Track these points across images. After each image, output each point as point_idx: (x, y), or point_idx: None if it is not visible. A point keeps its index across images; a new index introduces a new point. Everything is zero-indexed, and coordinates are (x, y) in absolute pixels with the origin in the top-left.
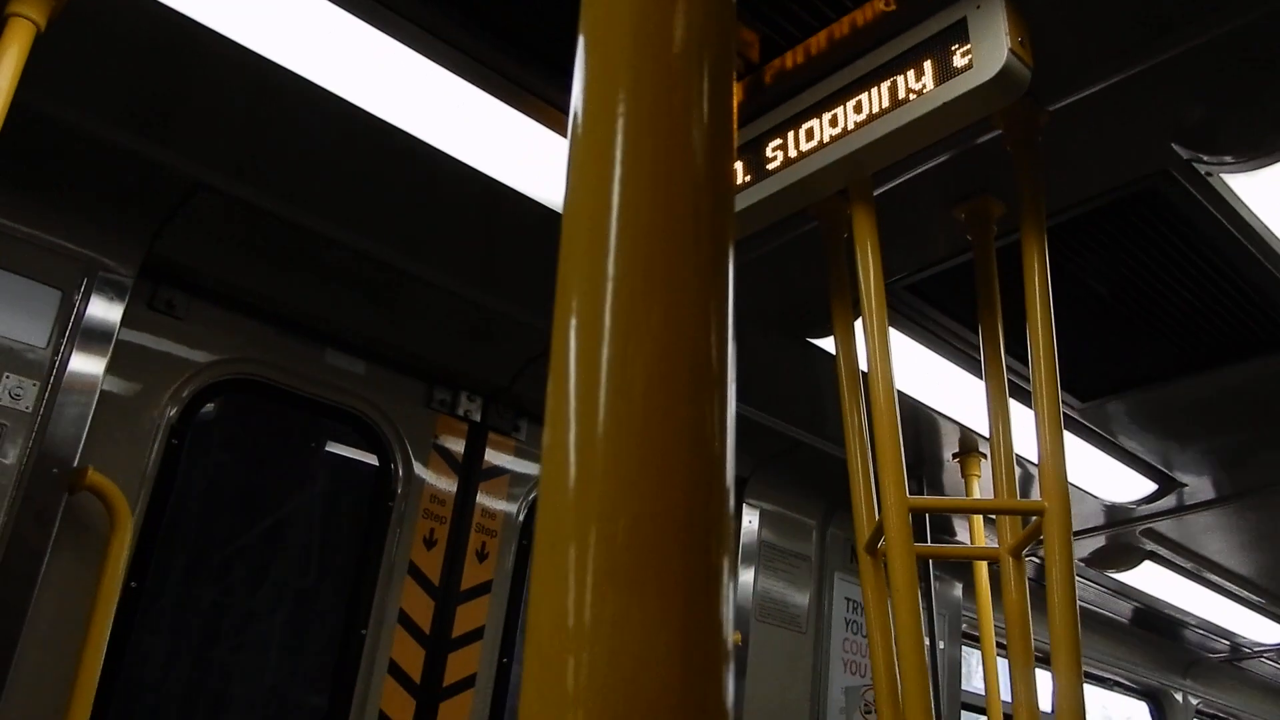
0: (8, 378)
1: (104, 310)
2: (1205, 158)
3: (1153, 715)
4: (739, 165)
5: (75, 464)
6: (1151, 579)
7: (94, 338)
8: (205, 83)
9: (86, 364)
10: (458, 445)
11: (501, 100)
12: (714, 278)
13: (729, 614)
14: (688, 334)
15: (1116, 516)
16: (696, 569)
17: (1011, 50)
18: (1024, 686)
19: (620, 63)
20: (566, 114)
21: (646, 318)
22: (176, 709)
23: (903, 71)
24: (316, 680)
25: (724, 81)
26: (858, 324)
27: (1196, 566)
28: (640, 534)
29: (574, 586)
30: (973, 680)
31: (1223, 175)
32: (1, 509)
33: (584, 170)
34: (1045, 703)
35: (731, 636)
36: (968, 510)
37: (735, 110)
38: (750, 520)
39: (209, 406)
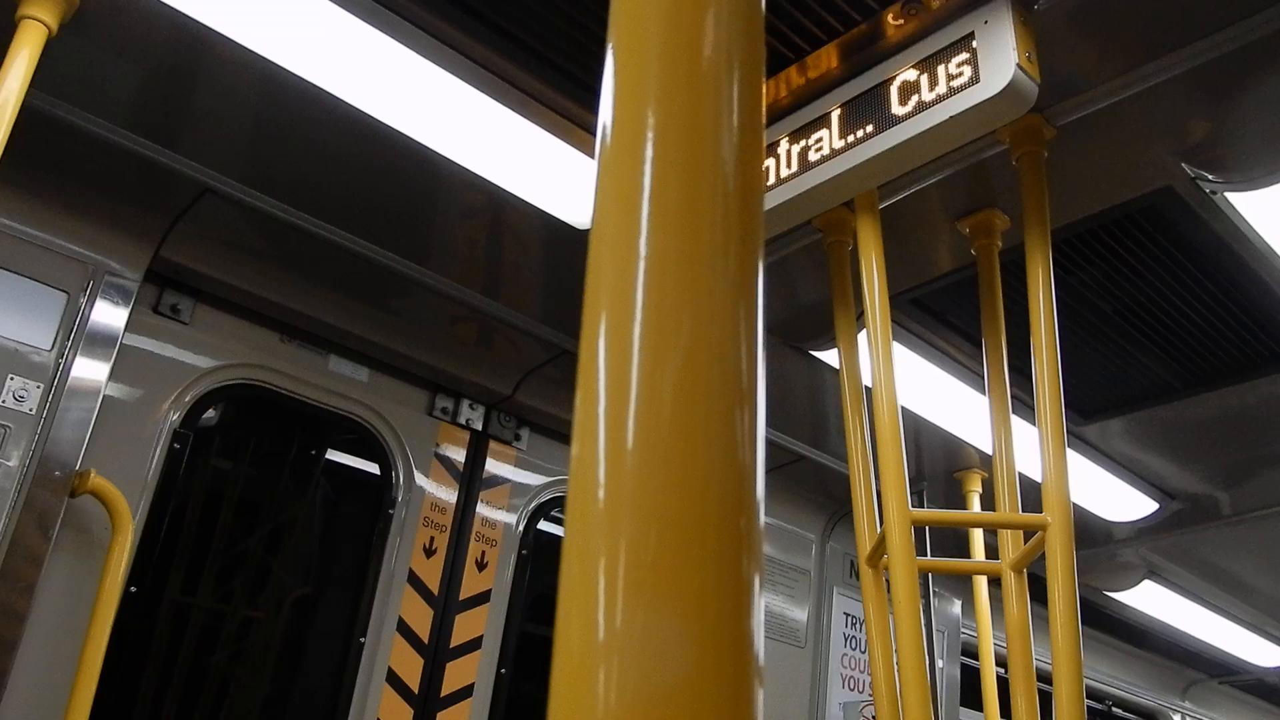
0: (12, 380)
1: (109, 314)
2: (1210, 175)
3: None
4: None
5: (77, 467)
6: (1151, 598)
7: (98, 341)
8: (214, 87)
9: (90, 367)
10: (459, 454)
11: (508, 107)
12: (744, 288)
13: (760, 626)
14: (718, 346)
15: (1116, 535)
16: (727, 581)
17: (1019, 65)
18: (1025, 703)
19: (650, 73)
20: (574, 121)
21: (676, 329)
22: (174, 714)
23: (910, 85)
24: (315, 688)
25: (754, 91)
26: (861, 336)
27: (1196, 586)
28: (671, 546)
29: (604, 598)
30: None
31: (1227, 193)
32: (3, 512)
33: (613, 180)
34: None
35: (762, 649)
36: (970, 524)
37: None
38: None
39: (211, 412)
